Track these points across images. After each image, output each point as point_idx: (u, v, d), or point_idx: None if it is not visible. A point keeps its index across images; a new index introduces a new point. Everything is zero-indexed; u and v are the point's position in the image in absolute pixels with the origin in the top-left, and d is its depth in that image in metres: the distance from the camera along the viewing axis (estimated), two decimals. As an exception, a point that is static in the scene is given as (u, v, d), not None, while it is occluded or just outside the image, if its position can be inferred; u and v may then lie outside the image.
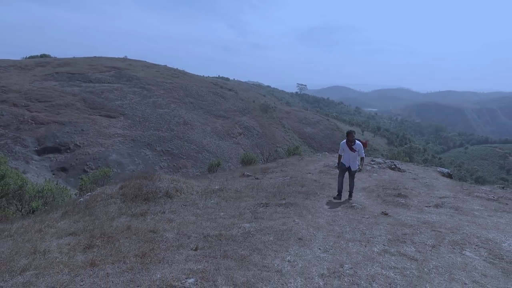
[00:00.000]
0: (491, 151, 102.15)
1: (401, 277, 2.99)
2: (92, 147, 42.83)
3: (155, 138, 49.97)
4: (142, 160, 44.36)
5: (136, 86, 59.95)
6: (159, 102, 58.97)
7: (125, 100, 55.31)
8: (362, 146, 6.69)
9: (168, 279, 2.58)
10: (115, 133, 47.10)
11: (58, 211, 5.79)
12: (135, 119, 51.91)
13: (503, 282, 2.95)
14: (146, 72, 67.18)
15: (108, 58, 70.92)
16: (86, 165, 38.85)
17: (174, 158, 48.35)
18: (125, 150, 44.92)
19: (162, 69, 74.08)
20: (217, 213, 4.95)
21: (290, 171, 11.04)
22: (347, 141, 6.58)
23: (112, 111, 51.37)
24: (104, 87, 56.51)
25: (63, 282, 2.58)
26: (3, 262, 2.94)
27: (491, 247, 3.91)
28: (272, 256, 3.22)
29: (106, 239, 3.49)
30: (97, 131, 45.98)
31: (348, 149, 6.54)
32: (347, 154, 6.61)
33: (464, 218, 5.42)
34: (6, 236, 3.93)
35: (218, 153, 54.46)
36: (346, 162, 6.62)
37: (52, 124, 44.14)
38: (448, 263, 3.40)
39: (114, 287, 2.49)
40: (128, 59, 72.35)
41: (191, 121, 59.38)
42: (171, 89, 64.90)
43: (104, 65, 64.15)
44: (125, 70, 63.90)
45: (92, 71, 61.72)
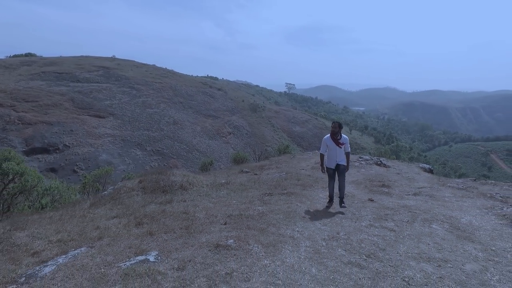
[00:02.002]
0: (474, 149, 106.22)
1: (382, 240, 3.96)
2: (81, 147, 42.73)
3: (145, 138, 50.11)
4: (133, 160, 44.54)
5: (125, 86, 59.75)
6: (149, 102, 59.00)
7: (114, 100, 55.12)
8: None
9: (212, 241, 3.45)
10: (104, 133, 47.05)
11: (85, 203, 6.54)
12: (125, 119, 51.88)
13: (454, 243, 3.98)
14: (135, 71, 66.93)
15: (96, 57, 70.26)
16: (76, 165, 38.84)
17: (164, 158, 48.69)
18: (115, 150, 44.99)
19: (151, 68, 73.89)
20: (230, 201, 5.83)
21: (284, 167, 11.98)
22: (332, 134, 5.62)
23: (102, 111, 51.20)
24: (92, 87, 56.12)
25: (135, 244, 3.41)
26: (79, 233, 3.73)
27: (452, 221, 4.95)
28: (284, 228, 4.14)
29: (150, 219, 4.32)
30: (86, 131, 45.84)
31: (334, 144, 5.57)
32: (333, 151, 5.63)
33: (435, 202, 6.48)
34: (57, 220, 4.70)
35: (208, 153, 55.04)
36: (333, 161, 5.66)
37: (40, 124, 43.77)
38: (419, 232, 4.40)
39: (174, 247, 3.34)
40: (117, 59, 71.82)
41: (181, 121, 59.69)
42: (161, 89, 64.93)
43: (92, 64, 63.58)
44: (113, 70, 63.53)
45: (80, 70, 61.09)
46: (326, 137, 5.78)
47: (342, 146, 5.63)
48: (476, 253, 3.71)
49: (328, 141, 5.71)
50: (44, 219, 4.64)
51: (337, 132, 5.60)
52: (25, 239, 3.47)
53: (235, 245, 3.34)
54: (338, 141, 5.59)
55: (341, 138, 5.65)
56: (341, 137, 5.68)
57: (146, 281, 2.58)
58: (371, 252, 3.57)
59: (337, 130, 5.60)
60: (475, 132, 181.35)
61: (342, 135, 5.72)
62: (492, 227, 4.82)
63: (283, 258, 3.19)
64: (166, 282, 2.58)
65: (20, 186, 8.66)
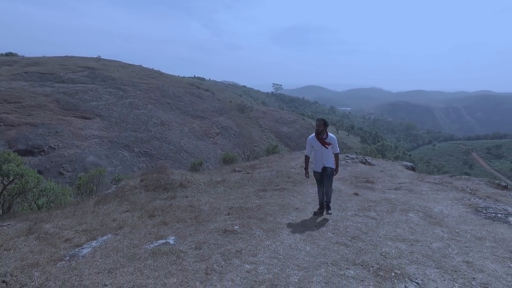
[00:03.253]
0: (456, 148, 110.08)
1: (365, 226, 4.60)
2: (68, 149, 42.21)
3: (132, 139, 49.85)
4: (120, 162, 44.30)
5: (111, 87, 59.15)
6: (136, 103, 58.62)
7: (101, 101, 54.53)
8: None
9: (220, 227, 4.00)
10: (91, 134, 46.59)
11: (89, 201, 6.95)
12: (112, 120, 51.44)
13: (426, 227, 4.66)
14: (121, 72, 66.30)
15: (81, 57, 69.20)
16: (62, 167, 38.39)
17: (152, 159, 48.58)
18: (102, 151, 44.63)
19: (138, 69, 73.30)
20: (228, 196, 6.36)
21: (275, 166, 12.58)
22: (316, 133, 5.02)
23: (88, 112, 50.63)
24: (78, 88, 55.34)
25: (153, 231, 3.91)
26: (100, 224, 4.19)
27: (426, 211, 5.65)
28: (280, 217, 4.73)
29: (161, 211, 4.81)
30: (72, 133, 45.29)
31: (320, 144, 4.97)
32: (319, 153, 5.05)
33: (413, 195, 7.21)
34: (72, 215, 5.13)
35: (196, 153, 55.19)
36: (319, 164, 5.08)
37: (24, 126, 42.95)
38: (396, 220, 5.06)
39: (188, 232, 3.86)
40: (102, 59, 70.93)
41: (169, 122, 59.58)
42: (148, 89, 64.55)
43: (77, 65, 62.62)
44: (99, 70, 62.77)
45: (64, 71, 60.06)
46: (311, 137, 5.14)
47: (329, 146, 4.99)
48: (442, 235, 4.39)
49: (313, 141, 5.07)
50: (58, 215, 5.06)
51: (322, 131, 4.98)
52: (53, 230, 3.91)
53: (240, 230, 3.90)
54: (324, 140, 4.96)
55: (327, 138, 5.01)
56: (328, 136, 5.04)
57: (171, 257, 3.10)
58: (355, 235, 4.19)
59: (321, 128, 4.96)
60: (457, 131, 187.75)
61: (329, 134, 5.09)
62: (459, 214, 5.54)
63: (281, 239, 3.77)
64: (188, 257, 3.11)
65: (21, 187, 8.93)
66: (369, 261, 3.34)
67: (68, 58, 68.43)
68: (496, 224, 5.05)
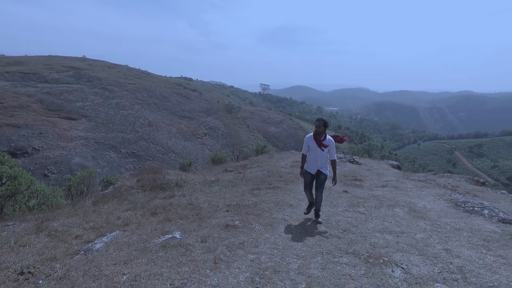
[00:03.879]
0: (440, 147, 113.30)
1: (355, 220, 4.95)
2: (52, 150, 41.41)
3: (119, 140, 49.29)
4: (107, 163, 43.75)
5: (97, 87, 58.22)
6: (123, 103, 57.89)
7: (87, 102, 53.62)
8: (334, 143, 4.92)
9: (222, 223, 4.26)
10: (77, 135, 45.81)
11: (86, 201, 7.07)
12: (98, 121, 50.70)
13: (410, 221, 5.06)
14: (107, 72, 65.31)
15: (66, 57, 67.75)
16: (47, 169, 37.65)
17: (140, 160, 48.16)
18: (89, 153, 43.98)
19: (124, 69, 72.33)
20: (224, 195, 6.62)
21: (265, 166, 12.87)
22: (314, 134, 4.78)
23: (73, 112, 49.72)
24: (62, 88, 54.22)
25: (159, 227, 4.13)
26: (106, 222, 4.37)
27: (410, 206, 6.07)
28: (276, 213, 5.03)
29: (162, 209, 5.03)
30: (57, 134, 44.42)
31: (316, 145, 4.73)
32: (313, 154, 4.83)
33: (399, 192, 7.64)
34: (74, 214, 5.28)
35: (184, 154, 55.00)
36: (312, 166, 4.87)
37: (5, 127, 41.85)
38: (384, 214, 5.44)
39: (192, 228, 4.11)
40: (88, 59, 69.64)
41: (156, 122, 59.12)
42: (134, 90, 63.83)
43: (62, 64, 61.28)
44: (84, 70, 61.65)
45: (48, 70, 58.73)
46: (308, 136, 4.92)
47: (325, 149, 4.74)
48: (425, 227, 4.79)
49: (309, 141, 4.84)
50: (61, 214, 5.20)
51: (322, 132, 4.72)
52: (62, 227, 4.07)
53: (241, 225, 4.18)
54: (321, 142, 4.72)
55: (325, 139, 4.75)
56: (326, 138, 4.77)
57: (180, 249, 3.34)
58: (346, 228, 4.54)
59: (321, 129, 4.70)
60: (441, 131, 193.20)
61: (328, 136, 4.81)
62: (440, 209, 5.98)
63: (279, 233, 4.08)
64: (196, 249, 3.36)
65: (14, 189, 8.91)
66: (360, 250, 3.68)
67: (52, 57, 66.87)
68: (473, 216, 5.50)
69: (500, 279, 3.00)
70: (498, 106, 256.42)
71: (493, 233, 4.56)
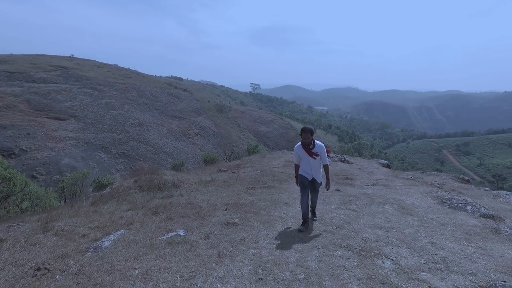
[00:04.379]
0: (428, 145, 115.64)
1: (347, 217, 5.23)
2: (40, 151, 40.82)
3: (109, 140, 48.84)
4: (97, 164, 43.34)
5: (86, 87, 57.46)
6: (112, 103, 57.30)
7: (75, 102, 52.89)
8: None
9: (222, 220, 4.47)
10: (66, 136, 45.22)
11: (84, 202, 7.17)
12: (87, 121, 50.09)
13: (399, 217, 5.36)
14: (96, 72, 64.50)
15: (53, 56, 66.61)
16: (35, 170, 37.11)
17: (130, 160, 47.86)
18: (78, 153, 43.49)
19: (113, 69, 71.54)
20: (221, 194, 6.82)
21: (258, 166, 13.10)
22: (303, 143, 4.65)
23: (62, 113, 49.02)
24: (50, 88, 53.34)
25: (162, 226, 4.31)
26: (110, 222, 4.53)
27: (399, 203, 6.39)
28: (273, 211, 5.27)
29: (163, 209, 5.20)
30: (45, 135, 43.79)
31: (307, 154, 4.61)
32: (305, 163, 4.72)
33: (389, 190, 7.98)
34: (75, 215, 5.40)
35: (175, 154, 54.87)
36: (307, 173, 4.76)
37: (-9, 127, 41.06)
38: (374, 211, 5.73)
39: (194, 225, 4.31)
40: (76, 58, 68.61)
41: (147, 122, 58.75)
42: (124, 89, 63.22)
43: (49, 64, 60.24)
44: (73, 70, 60.75)
45: (35, 70, 57.65)
46: (297, 146, 4.77)
47: (317, 157, 4.63)
48: (413, 222, 5.10)
49: (299, 151, 4.71)
50: (62, 214, 5.32)
51: (310, 143, 4.61)
52: (67, 227, 4.21)
53: (240, 222, 4.40)
54: (311, 151, 4.59)
55: (314, 147, 4.62)
56: (315, 145, 4.64)
57: (185, 246, 3.54)
58: (340, 224, 4.81)
59: (309, 140, 4.58)
60: (429, 130, 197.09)
61: (316, 142, 4.68)
62: (427, 205, 6.32)
63: (277, 229, 4.32)
64: (200, 245, 3.57)
65: (8, 190, 8.92)
66: (352, 244, 3.94)
67: (38, 56, 65.66)
68: (457, 212, 5.85)
69: (478, 267, 3.31)
70: (484, 105, 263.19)
71: (475, 227, 4.90)
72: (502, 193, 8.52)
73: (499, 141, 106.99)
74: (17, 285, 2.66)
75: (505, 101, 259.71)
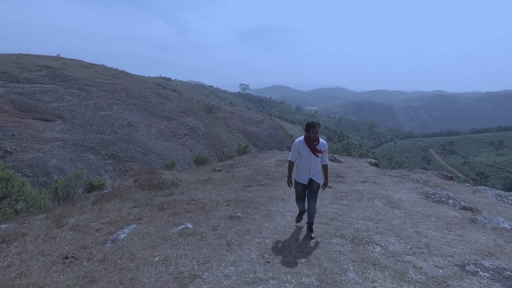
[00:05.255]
0: (415, 145, 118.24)
1: (340, 211, 5.66)
2: (27, 153, 40.09)
3: (98, 141, 48.31)
4: (86, 165, 42.84)
5: (73, 87, 56.58)
6: (100, 104, 56.63)
7: (62, 102, 52.05)
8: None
9: (226, 214, 4.82)
10: (53, 137, 44.51)
11: (86, 201, 7.39)
12: (75, 122, 49.40)
13: (388, 210, 5.83)
14: (84, 72, 63.55)
15: (38, 56, 65.25)
16: (22, 172, 36.46)
17: (119, 162, 47.44)
18: (66, 155, 42.89)
19: (101, 69, 70.60)
20: (219, 192, 7.15)
21: (251, 165, 13.46)
22: (307, 138, 4.19)
23: (48, 114, 48.18)
24: (36, 88, 52.33)
25: (171, 220, 4.61)
26: (120, 217, 4.80)
27: (387, 198, 6.87)
28: (271, 206, 5.64)
29: (168, 205, 5.50)
30: (31, 136, 43.01)
31: (309, 151, 4.15)
32: (306, 161, 4.21)
33: (377, 187, 8.47)
34: (81, 212, 5.65)
35: (165, 155, 54.65)
36: (304, 175, 4.28)
37: (-26, 129, 40.15)
38: (364, 205, 6.18)
39: (200, 219, 4.63)
40: (62, 58, 67.37)
41: (135, 123, 58.28)
42: (112, 90, 62.53)
43: (34, 63, 59.01)
44: (59, 70, 59.69)
45: (19, 70, 56.41)
46: (299, 141, 4.30)
47: (320, 154, 4.20)
48: (400, 215, 5.56)
49: (301, 146, 4.20)
50: (68, 211, 5.56)
51: (316, 138, 4.15)
52: (81, 223, 4.47)
53: (243, 216, 4.76)
54: (315, 148, 4.13)
55: (319, 144, 4.18)
56: (320, 142, 4.20)
57: (196, 236, 3.88)
58: (333, 217, 5.23)
59: (318, 135, 4.15)
60: (416, 129, 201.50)
61: (321, 140, 4.24)
62: (413, 200, 6.82)
63: (277, 221, 4.70)
64: (210, 236, 3.90)
65: (6, 191, 9.00)
66: (346, 233, 4.36)
67: (23, 56, 64.22)
68: (439, 205, 6.37)
69: (455, 251, 3.77)
70: (468, 105, 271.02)
71: (455, 218, 5.39)
72: (481, 188, 9.15)
73: (482, 140, 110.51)
74: (50, 271, 2.94)
75: (488, 101, 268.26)
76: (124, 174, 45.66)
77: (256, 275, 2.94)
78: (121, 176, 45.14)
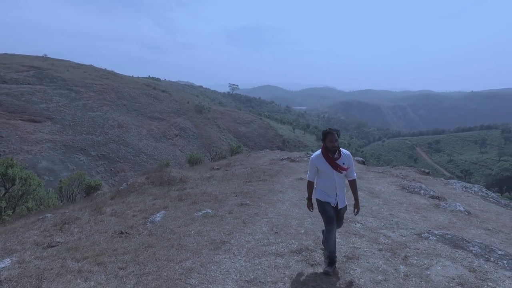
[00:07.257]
0: (402, 143, 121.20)
1: (329, 199, 6.76)
2: (16, 154, 39.96)
3: (88, 142, 48.40)
4: (77, 166, 42.99)
5: (62, 88, 56.29)
6: (90, 104, 56.54)
7: (51, 103, 51.81)
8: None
9: (237, 202, 5.84)
10: (42, 138, 44.44)
11: (102, 196, 8.28)
12: (65, 123, 49.31)
13: (369, 199, 6.97)
14: (72, 72, 63.17)
15: (25, 56, 64.46)
16: (12, 174, 36.27)
17: (110, 162, 47.70)
18: (56, 156, 42.95)
19: (90, 69, 70.23)
20: (225, 187, 8.16)
21: (247, 164, 14.48)
22: (325, 151, 3.39)
23: (37, 115, 47.96)
24: (23, 89, 51.89)
25: (192, 207, 5.60)
26: (148, 206, 5.75)
27: (370, 190, 8.02)
28: (272, 196, 6.70)
29: (185, 196, 6.46)
30: (20, 137, 42.86)
31: (330, 168, 3.36)
32: (327, 180, 3.44)
33: (362, 181, 9.63)
34: (110, 205, 6.56)
35: (156, 155, 55.08)
36: (331, 194, 3.53)
37: (-40, 131, 39.85)
38: (350, 196, 7.29)
39: (217, 206, 5.64)
40: (50, 58, 66.72)
41: (126, 124, 58.44)
42: (102, 91, 62.42)
43: (21, 64, 58.35)
44: (47, 70, 59.21)
45: (5, 70, 55.73)
46: (316, 156, 3.48)
47: (343, 171, 3.41)
48: (379, 202, 6.70)
49: (319, 163, 3.43)
50: (101, 203, 6.47)
51: (336, 150, 3.37)
52: (117, 210, 5.39)
53: (251, 203, 5.80)
54: (336, 163, 3.34)
55: (340, 158, 3.37)
56: (341, 155, 3.39)
57: (217, 218, 4.88)
58: (324, 204, 6.32)
59: (336, 146, 3.34)
60: (403, 128, 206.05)
61: (342, 151, 3.43)
62: (391, 191, 7.99)
63: (279, 207, 5.76)
64: (227, 217, 4.92)
65: (25, 189, 9.76)
66: (334, 216, 5.45)
67: (9, 56, 63.35)
68: (413, 195, 7.55)
69: (418, 226, 4.91)
70: (453, 104, 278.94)
71: (423, 204, 6.57)
72: (451, 181, 10.45)
73: (466, 138, 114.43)
74: (114, 241, 3.88)
75: (472, 100, 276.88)
76: (116, 175, 46.01)
77: (269, 240, 3.98)
78: (113, 177, 45.51)
